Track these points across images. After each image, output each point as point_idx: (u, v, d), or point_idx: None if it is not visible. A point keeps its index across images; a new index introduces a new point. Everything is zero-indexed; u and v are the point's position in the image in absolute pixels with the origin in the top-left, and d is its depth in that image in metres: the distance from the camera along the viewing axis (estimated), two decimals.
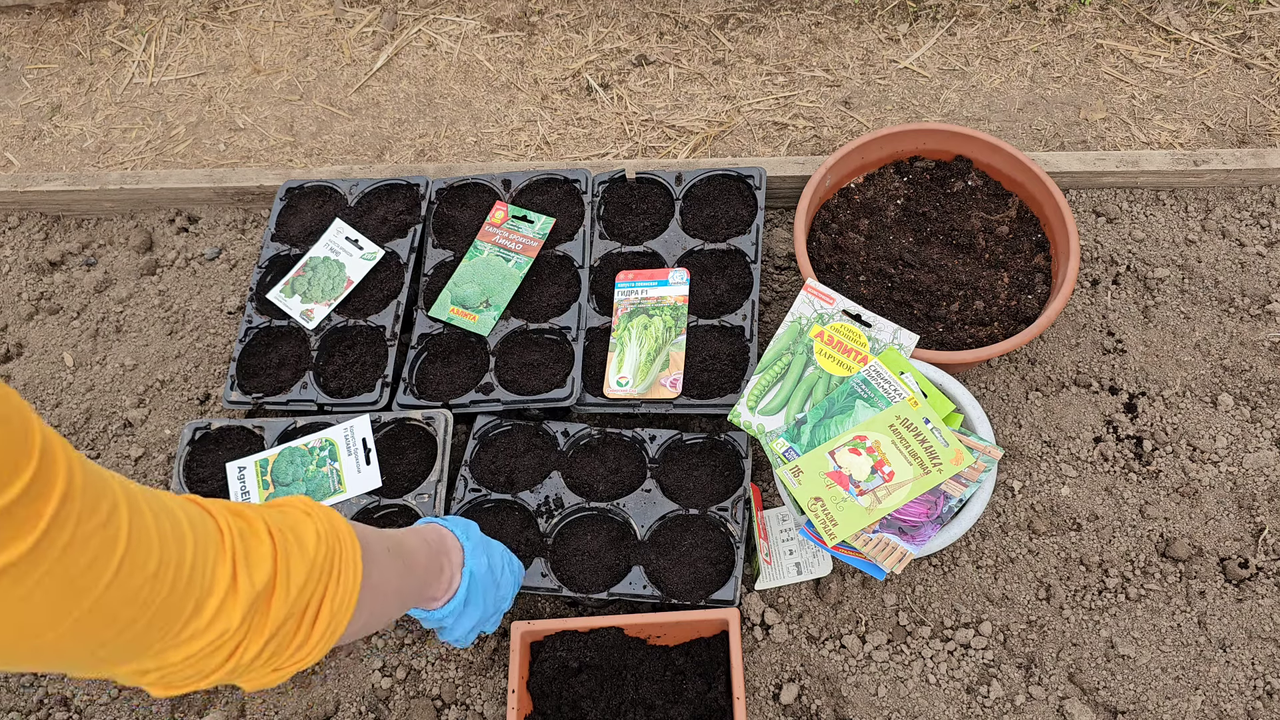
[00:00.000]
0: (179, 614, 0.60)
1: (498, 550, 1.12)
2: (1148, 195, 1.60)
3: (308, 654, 0.71)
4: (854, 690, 1.24)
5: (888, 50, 1.89)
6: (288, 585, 0.68)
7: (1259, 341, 1.45)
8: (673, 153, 1.80)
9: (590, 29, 1.99)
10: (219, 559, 0.63)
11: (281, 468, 1.39)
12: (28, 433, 0.50)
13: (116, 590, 0.55)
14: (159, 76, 2.06)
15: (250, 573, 0.65)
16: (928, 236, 1.51)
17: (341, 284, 1.55)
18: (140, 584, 0.56)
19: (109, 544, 0.55)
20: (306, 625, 0.70)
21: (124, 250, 1.76)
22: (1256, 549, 1.30)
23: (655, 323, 1.44)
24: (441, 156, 1.86)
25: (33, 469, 0.50)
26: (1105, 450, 1.38)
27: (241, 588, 0.64)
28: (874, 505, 1.20)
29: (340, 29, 2.07)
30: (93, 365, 1.64)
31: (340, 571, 0.74)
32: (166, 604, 0.58)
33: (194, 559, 0.61)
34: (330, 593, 0.72)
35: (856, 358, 1.33)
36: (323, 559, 0.72)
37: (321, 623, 0.71)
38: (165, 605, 0.58)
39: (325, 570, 0.72)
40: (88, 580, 0.53)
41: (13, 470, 0.49)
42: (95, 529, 0.54)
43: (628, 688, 1.22)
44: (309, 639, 0.71)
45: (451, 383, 1.46)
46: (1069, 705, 1.21)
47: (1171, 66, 1.80)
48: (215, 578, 0.62)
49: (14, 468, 0.49)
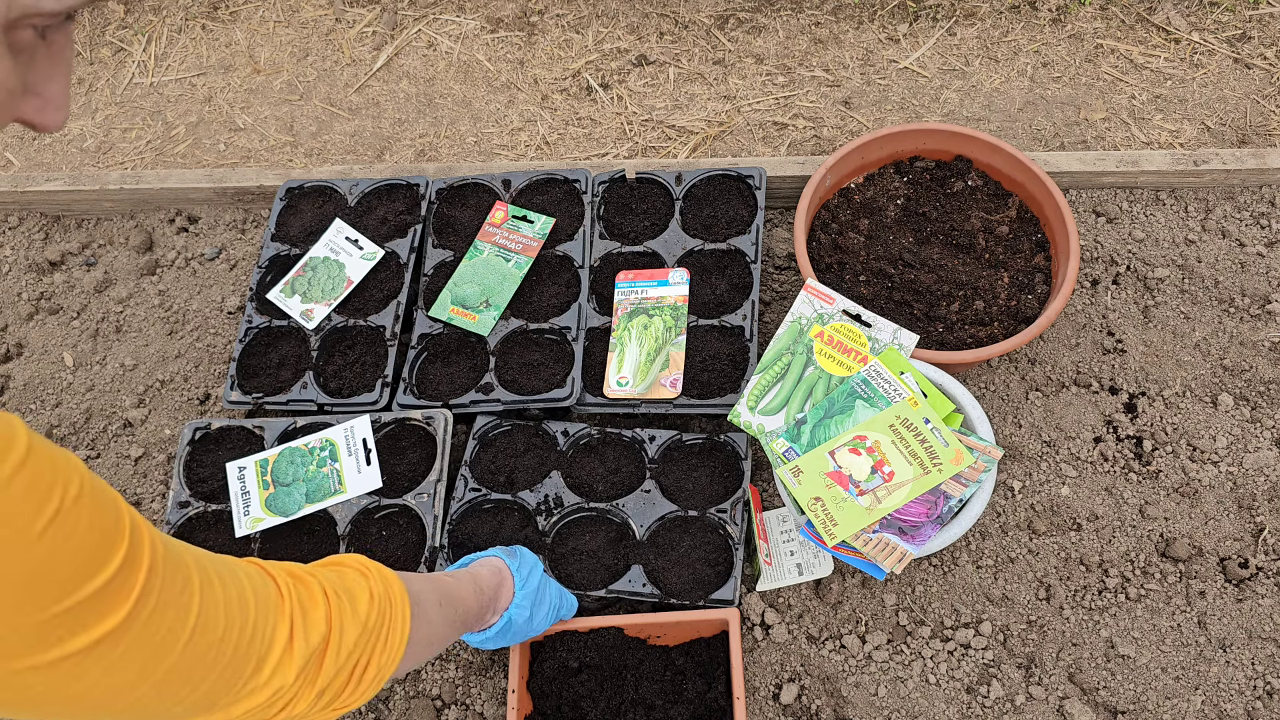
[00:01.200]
0: (242, 672, 0.64)
1: (548, 601, 1.15)
2: (1148, 195, 1.60)
3: (357, 699, 0.77)
4: (854, 690, 1.24)
5: (888, 50, 1.89)
6: (339, 644, 0.73)
7: (1259, 341, 1.45)
8: (673, 153, 1.80)
9: (590, 29, 1.99)
10: (279, 621, 0.68)
11: (282, 468, 1.39)
12: (118, 516, 0.57)
13: (190, 652, 0.60)
14: (159, 76, 2.06)
15: (306, 634, 0.70)
16: (928, 236, 1.51)
17: (341, 284, 1.55)
18: (209, 645, 0.61)
19: (184, 611, 0.60)
20: (356, 677, 0.76)
21: (124, 250, 1.76)
22: (1256, 549, 1.30)
23: (655, 323, 1.44)
24: (441, 156, 1.86)
25: (125, 548, 0.56)
26: (1105, 450, 1.38)
27: (297, 648, 0.69)
28: (874, 505, 1.20)
29: (340, 29, 2.07)
30: (93, 365, 1.64)
31: (389, 631, 0.79)
32: (231, 663, 0.63)
33: (255, 621, 0.66)
34: (379, 649, 0.78)
35: (856, 358, 1.33)
36: (374, 620, 0.77)
37: (370, 673, 0.77)
38: (230, 664, 0.63)
39: (376, 629, 0.77)
40: (168, 644, 0.58)
41: (110, 550, 0.55)
42: (173, 598, 0.59)
43: (628, 688, 1.22)
44: (358, 688, 0.76)
45: (451, 383, 1.46)
46: (1069, 705, 1.21)
47: (1171, 66, 1.80)
48: (274, 638, 0.67)
49: (111, 547, 0.55)
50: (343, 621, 0.74)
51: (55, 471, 0.52)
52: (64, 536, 0.52)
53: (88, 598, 0.53)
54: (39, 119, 0.54)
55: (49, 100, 0.53)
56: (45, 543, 0.51)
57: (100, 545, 0.54)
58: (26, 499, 0.50)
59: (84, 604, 0.53)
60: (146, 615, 0.57)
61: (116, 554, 0.55)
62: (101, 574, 0.54)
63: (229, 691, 0.64)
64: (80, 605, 0.53)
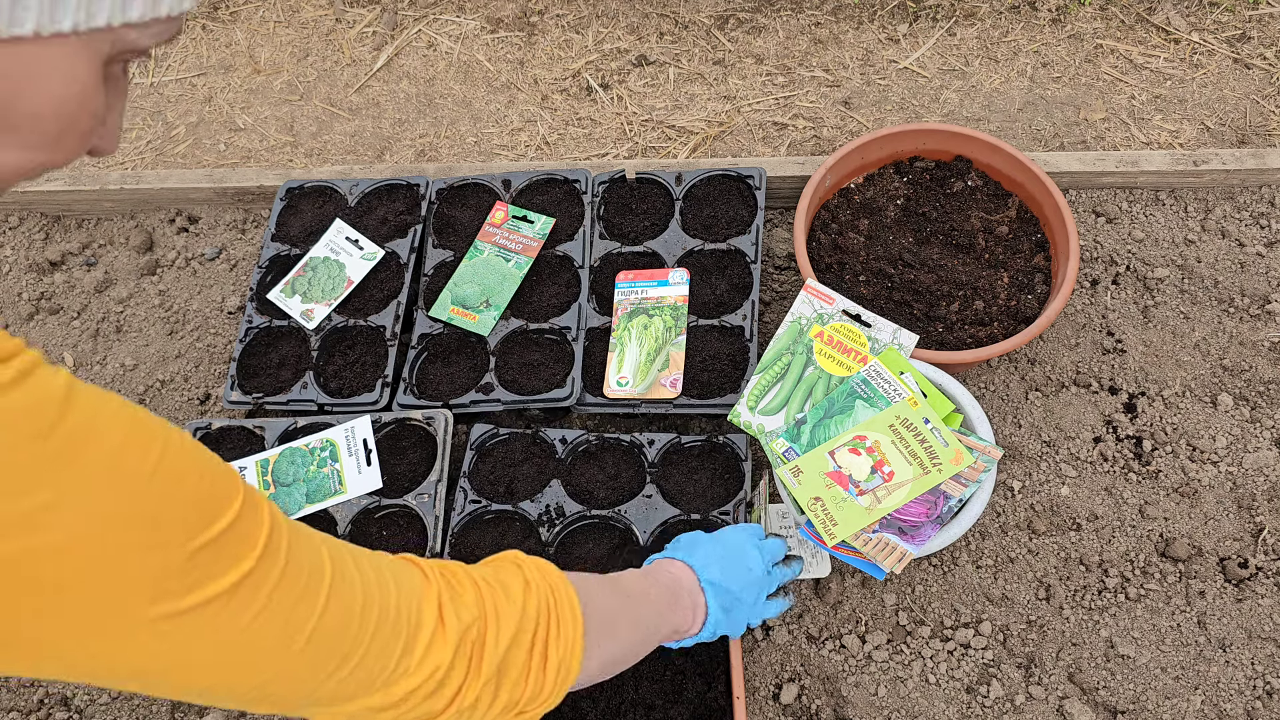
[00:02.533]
0: (390, 651, 0.63)
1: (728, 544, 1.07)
2: (1147, 195, 1.60)
3: (546, 697, 0.74)
4: (854, 690, 1.24)
5: (888, 50, 1.89)
6: (498, 627, 0.70)
7: (1259, 341, 1.46)
8: (673, 153, 1.80)
9: (590, 29, 1.99)
10: (425, 600, 0.67)
11: (282, 468, 1.39)
12: (230, 472, 0.57)
13: (329, 623, 0.59)
14: (159, 76, 2.06)
15: (458, 612, 0.68)
16: (928, 236, 1.51)
17: (342, 284, 1.55)
18: (349, 619, 0.61)
19: (316, 578, 0.60)
20: (536, 669, 0.73)
21: (124, 250, 1.76)
22: (1256, 549, 1.31)
23: (655, 323, 1.44)
24: (441, 156, 1.86)
25: (241, 496, 0.56)
26: (1105, 450, 1.38)
27: (449, 624, 0.67)
28: (874, 505, 1.20)
29: (340, 29, 2.07)
30: (93, 365, 1.64)
31: (558, 615, 0.76)
32: (376, 639, 0.62)
33: (399, 600, 0.65)
34: (554, 635, 0.75)
35: (856, 358, 1.33)
36: (534, 604, 0.74)
37: (552, 665, 0.74)
38: (375, 641, 0.62)
39: (541, 613, 0.74)
40: (301, 613, 0.58)
41: (228, 496, 0.55)
42: (304, 564, 0.59)
43: (627, 688, 1.22)
44: (543, 683, 0.73)
45: (451, 383, 1.46)
46: (1069, 705, 1.21)
47: (1171, 66, 1.80)
48: (422, 616, 0.66)
49: (227, 494, 0.55)
50: (496, 604, 0.71)
51: (151, 423, 0.54)
52: (175, 479, 0.53)
53: (215, 538, 0.53)
54: (101, 145, 0.56)
55: (110, 128, 0.56)
56: (159, 483, 0.51)
57: (215, 491, 0.55)
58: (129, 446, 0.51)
59: (213, 545, 0.53)
60: (276, 577, 0.57)
61: (235, 499, 0.55)
62: (224, 517, 0.54)
63: (382, 671, 0.63)
64: (209, 546, 0.53)
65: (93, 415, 0.50)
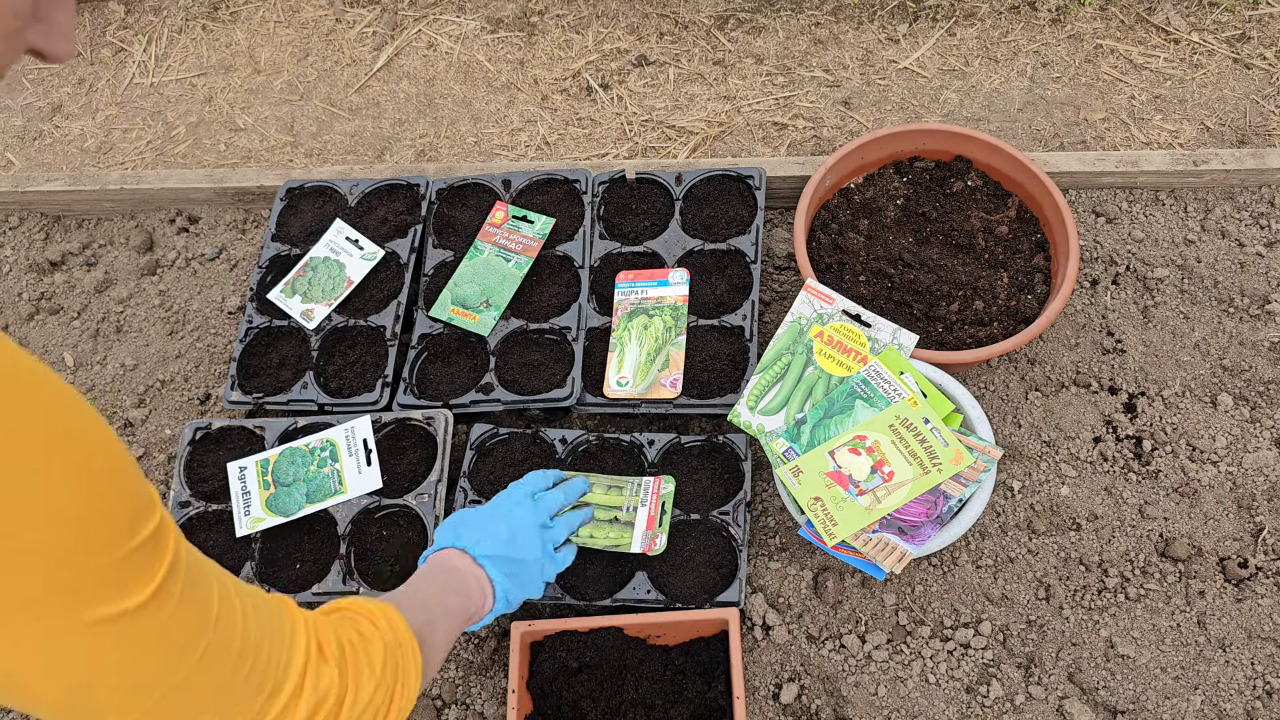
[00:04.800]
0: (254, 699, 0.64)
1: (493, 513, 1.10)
2: (1147, 195, 1.60)
3: None
4: (854, 690, 1.24)
5: (887, 50, 1.89)
6: (355, 693, 0.72)
7: (1259, 341, 1.46)
8: (673, 153, 1.80)
9: (590, 29, 1.99)
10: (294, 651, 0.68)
11: (282, 468, 1.39)
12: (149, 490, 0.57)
13: (211, 658, 0.59)
14: (159, 77, 2.06)
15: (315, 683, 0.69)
16: (927, 236, 1.51)
17: (342, 284, 1.55)
18: (227, 658, 0.61)
19: (204, 610, 0.60)
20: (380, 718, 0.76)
21: (124, 250, 1.76)
22: (1256, 549, 1.31)
23: (655, 323, 1.44)
24: (441, 157, 1.86)
25: (157, 519, 0.56)
26: (1105, 450, 1.38)
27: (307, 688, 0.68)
28: (874, 505, 1.20)
29: (340, 29, 2.07)
30: (93, 365, 1.64)
31: (405, 672, 0.80)
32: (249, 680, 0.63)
33: (270, 653, 0.65)
34: (399, 691, 0.78)
35: (856, 358, 1.33)
36: (390, 670, 0.78)
37: (394, 714, 0.77)
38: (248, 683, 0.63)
39: (395, 675, 0.78)
40: (190, 639, 0.58)
41: (148, 511, 0.55)
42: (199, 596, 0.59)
43: (628, 688, 1.22)
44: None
45: (452, 383, 1.46)
46: (1069, 705, 1.21)
47: (1171, 67, 1.80)
48: (289, 670, 0.67)
49: (149, 509, 0.55)
50: (359, 676, 0.74)
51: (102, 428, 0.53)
52: (119, 483, 0.53)
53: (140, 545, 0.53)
54: (47, 46, 0.53)
55: (55, 27, 0.53)
56: (104, 483, 0.51)
57: (141, 502, 0.55)
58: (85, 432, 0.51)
59: (137, 552, 0.53)
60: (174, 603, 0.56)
61: (150, 520, 0.55)
62: (146, 527, 0.54)
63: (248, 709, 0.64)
64: (135, 552, 0.53)
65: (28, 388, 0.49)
